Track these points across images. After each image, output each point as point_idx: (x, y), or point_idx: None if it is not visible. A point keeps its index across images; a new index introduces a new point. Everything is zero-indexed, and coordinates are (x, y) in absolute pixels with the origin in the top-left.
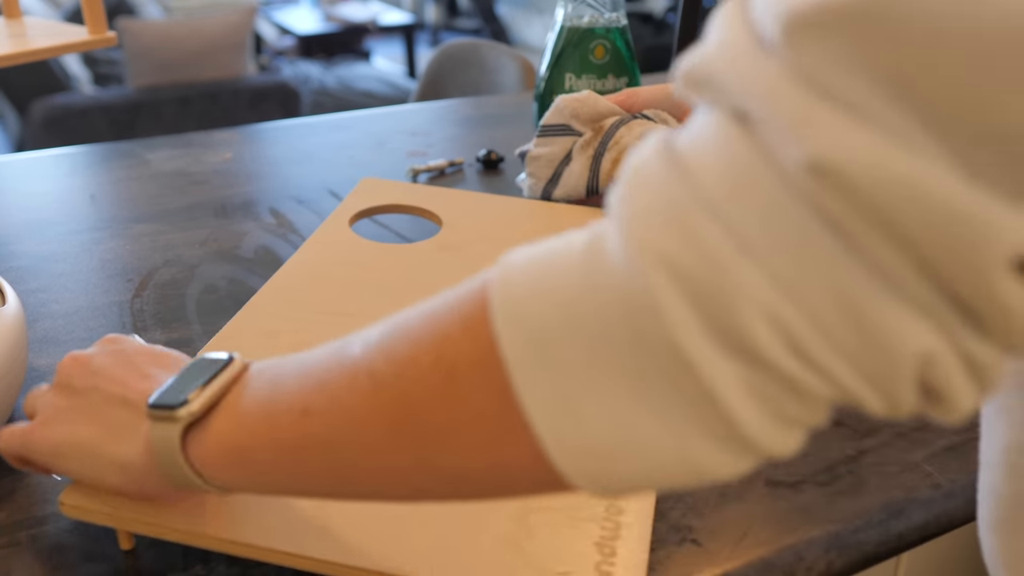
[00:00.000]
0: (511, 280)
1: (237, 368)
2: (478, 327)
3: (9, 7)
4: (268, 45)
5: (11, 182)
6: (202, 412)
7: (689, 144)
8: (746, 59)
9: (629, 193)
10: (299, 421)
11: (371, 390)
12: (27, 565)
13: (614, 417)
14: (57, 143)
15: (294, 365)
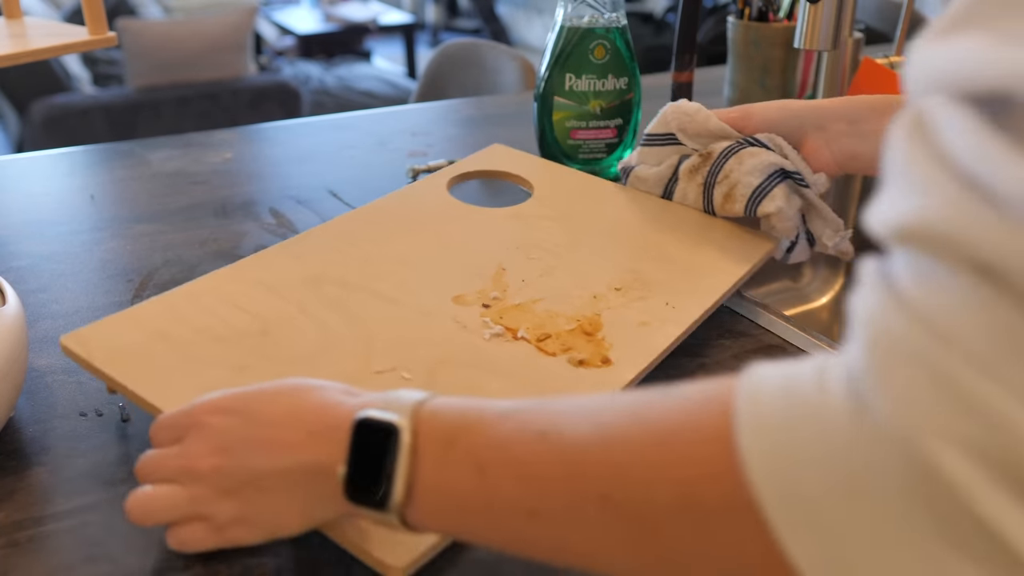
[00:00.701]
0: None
1: (411, 437)
2: (727, 475)
3: (9, 7)
4: (268, 45)
5: (11, 182)
6: (406, 497)
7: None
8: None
9: (883, 362)
10: (526, 523)
11: (605, 512)
12: (27, 565)
13: None
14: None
15: (493, 450)
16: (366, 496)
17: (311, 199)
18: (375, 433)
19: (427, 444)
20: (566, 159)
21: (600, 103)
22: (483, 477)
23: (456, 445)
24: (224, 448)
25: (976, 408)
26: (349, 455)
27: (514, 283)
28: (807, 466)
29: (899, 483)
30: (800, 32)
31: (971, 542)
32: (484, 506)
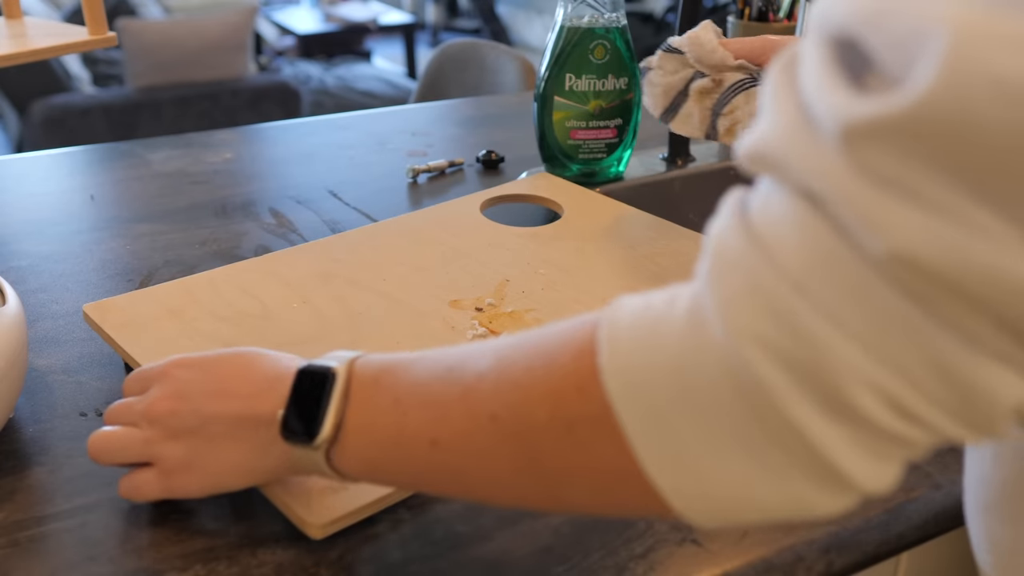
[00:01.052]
0: (618, 340)
1: (344, 379)
2: (590, 387)
3: (9, 7)
4: (268, 45)
5: (11, 182)
6: (333, 434)
7: (765, 221)
8: (808, 147)
9: (717, 275)
10: (429, 451)
11: (494, 433)
12: (27, 565)
13: (729, 474)
14: (57, 143)
15: (409, 382)
16: (298, 435)
17: (311, 199)
18: (314, 378)
19: (357, 387)
20: (566, 159)
21: (600, 103)
22: (397, 409)
23: (379, 383)
24: (181, 395)
25: (785, 321)
26: (289, 398)
27: (513, 293)
28: (651, 375)
29: (726, 387)
30: (800, 32)
31: (785, 439)
32: (395, 439)
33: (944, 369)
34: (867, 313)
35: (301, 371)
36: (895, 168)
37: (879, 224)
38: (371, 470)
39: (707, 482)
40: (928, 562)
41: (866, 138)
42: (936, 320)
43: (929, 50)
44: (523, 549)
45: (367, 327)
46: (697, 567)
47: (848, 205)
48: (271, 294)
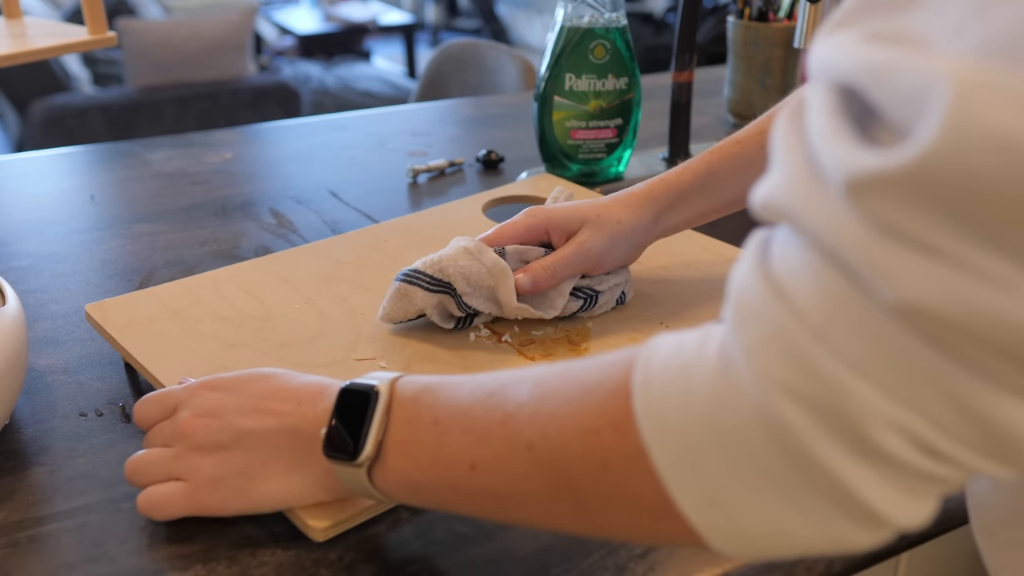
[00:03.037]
0: (651, 384)
1: (386, 398)
2: (625, 426)
3: (9, 7)
4: (268, 45)
5: (11, 182)
6: (375, 453)
7: (784, 269)
8: (814, 196)
9: (740, 323)
10: (469, 475)
11: (531, 462)
12: (27, 565)
13: (763, 514)
14: (57, 143)
15: (450, 408)
16: (342, 453)
17: (311, 199)
18: (357, 396)
19: (397, 406)
20: (566, 159)
21: (600, 103)
22: (436, 429)
23: (419, 402)
24: (213, 412)
25: (807, 367)
26: (332, 415)
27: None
28: (683, 417)
29: (757, 430)
30: (800, 32)
31: (816, 480)
32: (435, 459)
33: (965, 407)
34: (885, 357)
35: (344, 389)
36: (901, 219)
37: (887, 274)
38: (411, 489)
39: (742, 520)
40: (928, 562)
41: (872, 190)
42: (953, 360)
43: (932, 104)
44: (523, 549)
45: (368, 328)
46: (697, 567)
47: (857, 256)
48: (273, 294)
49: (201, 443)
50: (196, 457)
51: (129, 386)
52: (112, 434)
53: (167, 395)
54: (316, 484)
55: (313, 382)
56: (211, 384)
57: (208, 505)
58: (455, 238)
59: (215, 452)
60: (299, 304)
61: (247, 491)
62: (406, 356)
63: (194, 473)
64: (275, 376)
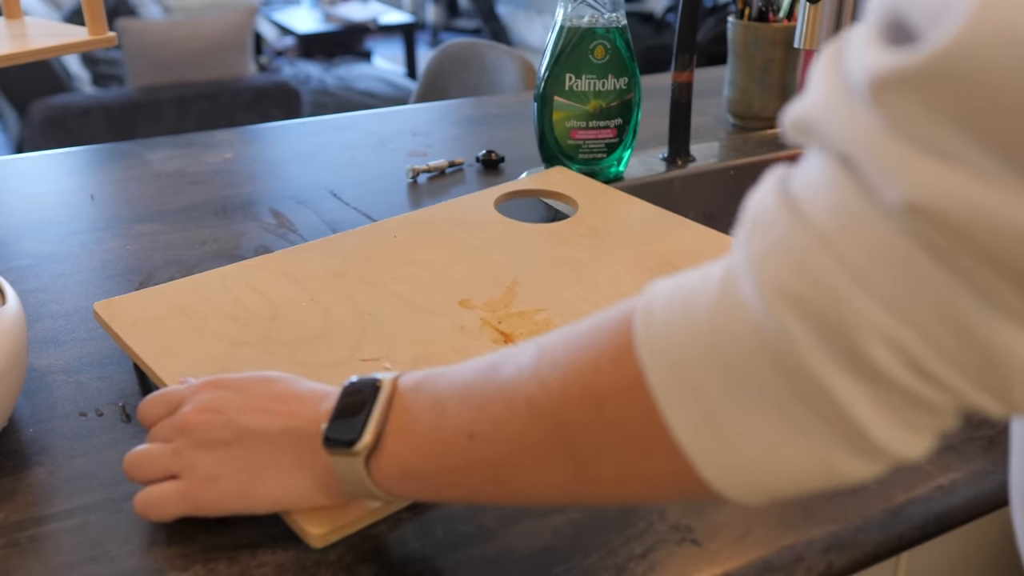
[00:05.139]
0: (653, 314)
1: (389, 389)
2: (623, 358)
3: (9, 7)
4: (268, 45)
5: (11, 182)
6: (375, 441)
7: (802, 186)
8: (844, 110)
9: (751, 234)
10: (467, 446)
11: (530, 417)
12: (27, 565)
13: (758, 437)
14: (57, 143)
15: (450, 384)
16: (340, 441)
17: (311, 199)
18: (359, 390)
19: (399, 396)
20: (566, 159)
21: (600, 103)
22: (436, 408)
23: (420, 389)
24: (216, 409)
25: (811, 275)
26: (334, 409)
27: (525, 292)
28: (682, 340)
29: (756, 346)
30: (800, 32)
31: (812, 396)
32: (434, 437)
33: (961, 327)
34: (888, 269)
35: (347, 385)
36: (916, 119)
37: (898, 174)
38: (407, 476)
39: (739, 449)
40: (928, 562)
41: (890, 89)
42: (955, 277)
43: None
44: (523, 549)
45: (374, 327)
46: (697, 567)
47: (871, 157)
48: (280, 292)
49: (202, 439)
50: (196, 453)
51: (138, 385)
52: (112, 434)
53: (171, 393)
54: (315, 485)
55: (317, 387)
56: (215, 383)
57: (204, 503)
58: None
59: (215, 449)
60: (305, 302)
61: (245, 490)
62: (411, 356)
63: (192, 469)
64: (280, 380)
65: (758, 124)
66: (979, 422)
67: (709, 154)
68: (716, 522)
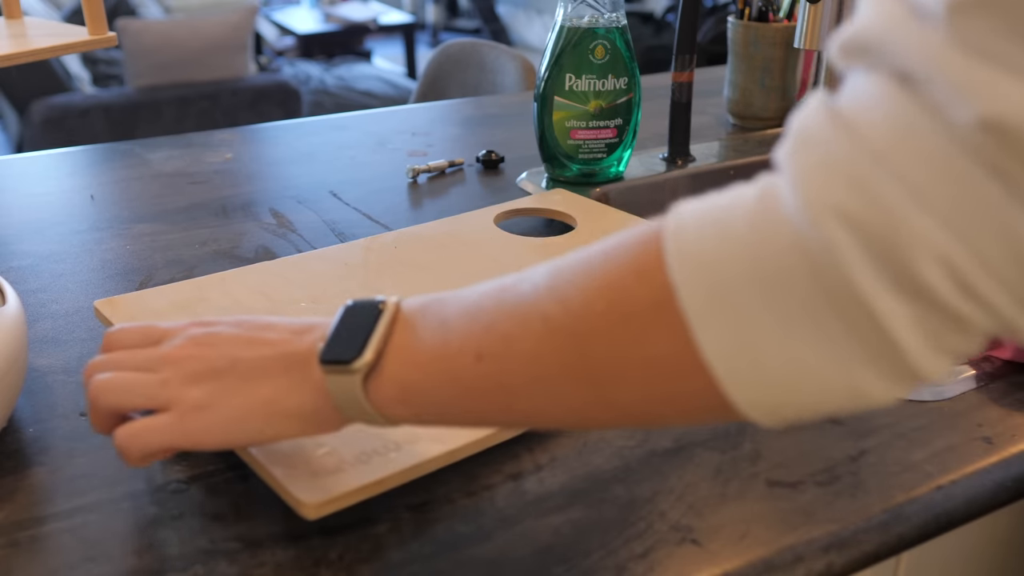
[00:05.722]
0: (685, 228)
1: (392, 310)
2: (652, 273)
3: (9, 7)
4: (268, 45)
5: (11, 182)
6: (375, 360)
7: (852, 104)
8: (906, 27)
9: (797, 149)
10: (474, 366)
11: (545, 333)
12: (27, 565)
13: (790, 354)
14: (57, 143)
15: (457, 305)
16: (338, 358)
17: (311, 199)
18: (360, 311)
19: (403, 316)
20: (566, 159)
21: (600, 103)
22: (442, 328)
23: (426, 310)
24: (208, 343)
25: (864, 190)
26: (333, 328)
27: None
28: (718, 254)
29: (796, 259)
30: (800, 32)
31: (850, 311)
32: (438, 355)
33: (1017, 248)
34: (947, 187)
35: (347, 306)
36: (995, 39)
37: (972, 90)
38: (406, 395)
39: (769, 368)
40: (928, 562)
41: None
42: (1016, 198)
43: None
44: (523, 549)
45: None
46: (697, 567)
47: (942, 75)
48: (280, 294)
49: (193, 371)
50: (185, 385)
51: None
52: None
53: (152, 327)
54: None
55: (313, 320)
56: (204, 322)
57: (194, 434)
58: None
59: (207, 380)
60: (305, 303)
61: (237, 420)
62: None
63: (181, 401)
64: (265, 316)
65: (758, 124)
66: (979, 422)
67: (709, 154)
68: (716, 522)
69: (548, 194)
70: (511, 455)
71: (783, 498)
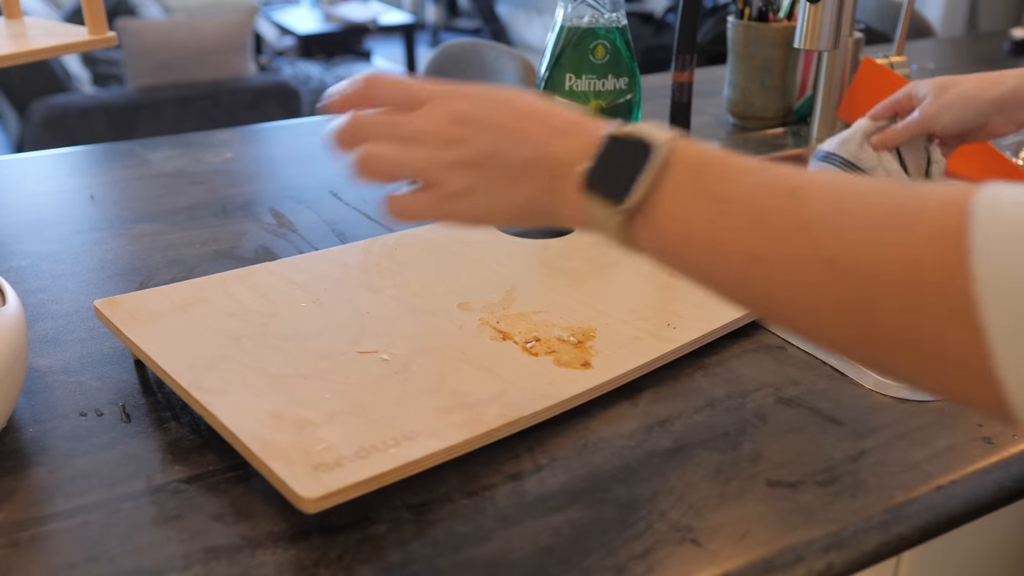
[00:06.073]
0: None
1: (664, 156)
2: (955, 274)
3: (9, 7)
4: (268, 45)
5: (11, 182)
6: (639, 205)
7: None
8: None
9: None
10: (747, 264)
11: (829, 276)
12: (27, 565)
13: None
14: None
15: (738, 194)
16: (604, 194)
17: (311, 199)
18: (628, 146)
19: (675, 167)
20: None
21: (600, 103)
22: (716, 207)
23: (702, 176)
24: (471, 122)
25: None
26: (599, 154)
27: (523, 297)
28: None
29: None
30: (800, 32)
31: None
32: (709, 238)
33: None
34: None
35: (614, 134)
36: None
37: None
38: (666, 255)
39: None
40: (928, 562)
41: None
42: None
43: None
44: (523, 549)
45: (373, 325)
46: (697, 567)
47: None
48: (281, 294)
49: (457, 158)
50: (454, 170)
51: (138, 382)
52: (112, 434)
53: (407, 84)
54: (558, 218)
55: (571, 112)
56: (459, 91)
57: (452, 214)
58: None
59: (469, 170)
60: (305, 303)
61: (491, 212)
62: (410, 349)
63: (444, 184)
64: (529, 95)
65: (758, 124)
66: (979, 422)
67: None
68: (716, 522)
69: None
70: (511, 455)
71: (783, 498)
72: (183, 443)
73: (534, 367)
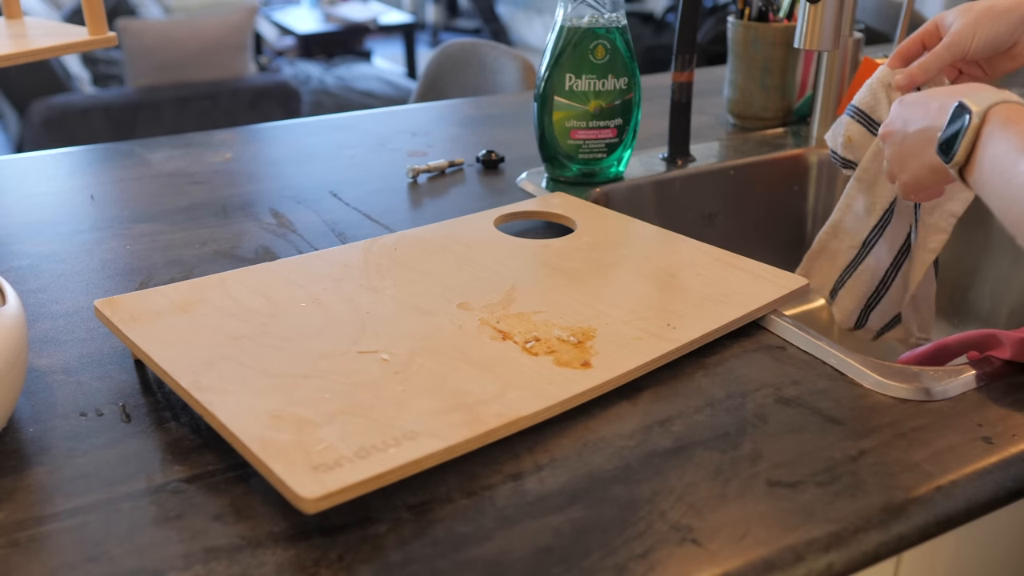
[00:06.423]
0: None
1: (977, 123)
2: None
3: (9, 7)
4: (268, 45)
5: (11, 182)
6: (964, 160)
7: None
8: None
9: None
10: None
11: None
12: (27, 565)
13: None
14: (57, 143)
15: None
16: (943, 156)
17: (311, 199)
18: (957, 114)
19: (988, 126)
20: (566, 159)
21: (600, 103)
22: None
23: (1006, 129)
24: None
25: None
26: (945, 127)
27: (523, 297)
28: None
29: None
30: (800, 32)
31: None
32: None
33: None
34: None
35: (955, 105)
36: None
37: None
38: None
39: None
40: (928, 562)
41: None
42: None
43: None
44: (523, 549)
45: (373, 324)
46: (697, 567)
47: None
48: (280, 294)
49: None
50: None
51: (138, 382)
52: (112, 434)
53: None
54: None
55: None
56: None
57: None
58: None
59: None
60: (305, 303)
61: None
62: (410, 349)
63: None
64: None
65: (758, 124)
66: (979, 422)
67: (709, 154)
68: (716, 522)
69: (548, 197)
70: (511, 455)
71: (783, 498)
72: (183, 443)
73: (534, 367)
